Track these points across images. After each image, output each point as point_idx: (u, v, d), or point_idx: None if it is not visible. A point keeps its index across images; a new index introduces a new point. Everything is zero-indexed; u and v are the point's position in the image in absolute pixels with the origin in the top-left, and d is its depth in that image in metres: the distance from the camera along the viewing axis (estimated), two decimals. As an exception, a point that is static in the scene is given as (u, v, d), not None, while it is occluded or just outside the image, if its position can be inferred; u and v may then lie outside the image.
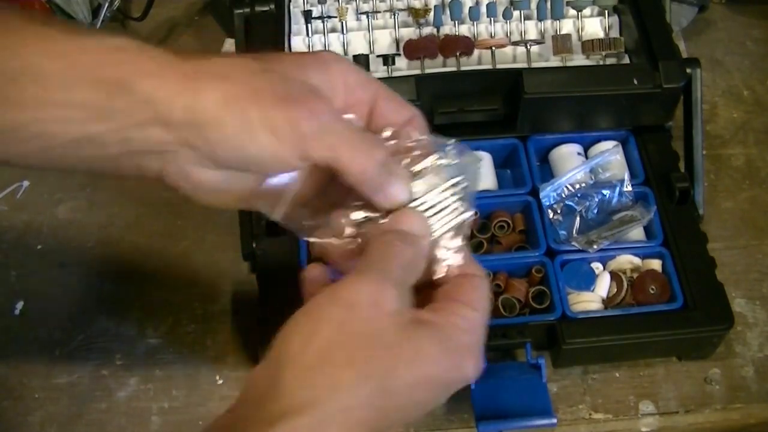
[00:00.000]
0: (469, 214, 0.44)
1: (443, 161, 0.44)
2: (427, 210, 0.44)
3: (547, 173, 0.75)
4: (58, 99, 0.40)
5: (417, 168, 0.44)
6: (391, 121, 0.45)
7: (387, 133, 0.45)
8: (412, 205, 0.43)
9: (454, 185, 0.44)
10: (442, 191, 0.44)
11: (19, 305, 0.72)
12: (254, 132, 0.40)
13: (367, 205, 0.44)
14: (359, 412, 0.37)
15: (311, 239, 0.45)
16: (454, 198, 0.44)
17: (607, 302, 0.67)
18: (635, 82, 0.70)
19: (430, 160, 0.44)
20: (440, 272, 0.44)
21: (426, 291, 0.44)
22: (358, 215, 0.44)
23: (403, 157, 0.44)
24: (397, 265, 0.41)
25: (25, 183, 0.79)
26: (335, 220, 0.44)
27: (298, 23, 0.76)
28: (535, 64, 0.74)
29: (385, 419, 0.38)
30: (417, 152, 0.44)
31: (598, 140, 0.74)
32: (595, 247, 0.67)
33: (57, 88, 0.40)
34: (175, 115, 0.40)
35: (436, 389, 0.40)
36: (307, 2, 0.76)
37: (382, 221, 0.43)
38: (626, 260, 0.69)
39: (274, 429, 0.36)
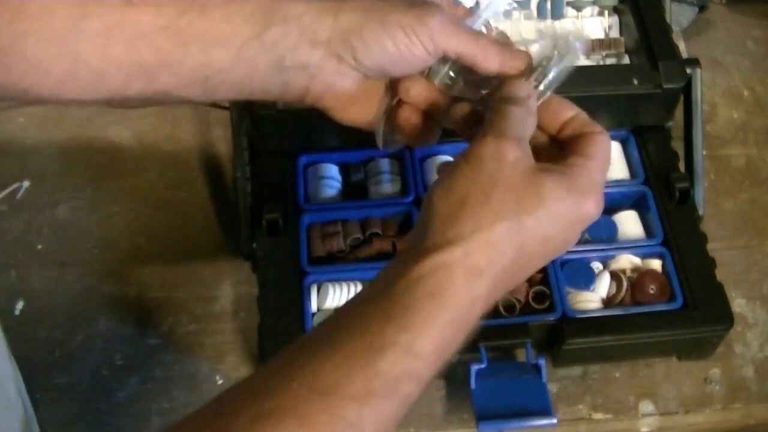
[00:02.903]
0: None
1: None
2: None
3: (547, 173, 0.74)
4: (220, 29, 0.47)
5: None
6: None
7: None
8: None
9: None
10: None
11: (19, 305, 0.72)
12: (391, 32, 0.47)
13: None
14: (500, 245, 0.43)
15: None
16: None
17: (607, 302, 0.67)
18: (635, 82, 0.70)
19: None
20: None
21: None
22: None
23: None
24: (511, 123, 0.46)
25: (25, 183, 0.79)
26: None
27: (298, 23, 0.76)
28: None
29: (523, 255, 0.44)
30: None
31: (598, 140, 0.74)
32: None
33: (219, 20, 0.46)
34: (321, 33, 0.47)
35: (562, 225, 0.45)
36: (307, 2, 0.76)
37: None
38: (626, 260, 0.69)
39: (432, 258, 0.42)
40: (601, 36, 0.76)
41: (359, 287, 0.66)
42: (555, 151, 0.49)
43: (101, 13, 0.45)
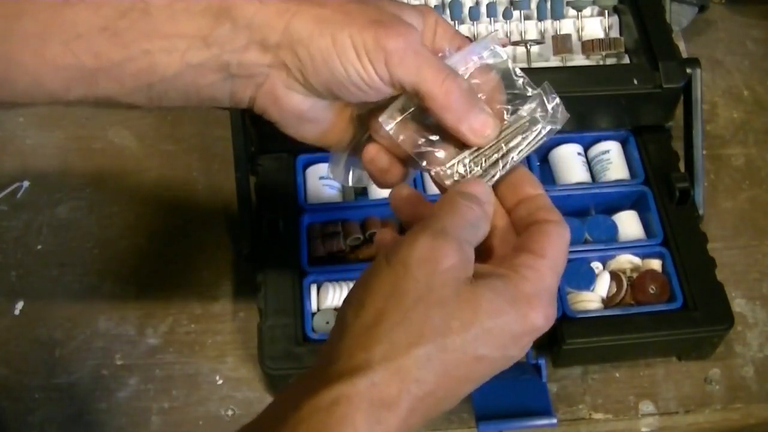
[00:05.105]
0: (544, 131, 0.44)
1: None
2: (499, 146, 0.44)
3: (548, 173, 0.75)
4: (164, 31, 0.42)
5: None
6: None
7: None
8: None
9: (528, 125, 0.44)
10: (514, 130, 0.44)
11: (19, 305, 0.72)
12: (342, 50, 0.41)
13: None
14: (416, 372, 0.37)
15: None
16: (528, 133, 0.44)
17: (607, 302, 0.67)
18: (635, 82, 0.70)
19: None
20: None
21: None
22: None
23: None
24: (460, 222, 0.40)
25: (25, 183, 0.79)
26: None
27: (298, 23, 0.76)
28: (535, 64, 0.74)
29: (450, 378, 0.38)
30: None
31: (598, 140, 0.74)
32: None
33: (164, 20, 0.42)
34: (271, 37, 0.42)
35: (501, 342, 0.39)
36: (307, 2, 0.76)
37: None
38: (626, 260, 0.69)
39: (331, 389, 0.36)
40: (601, 36, 0.76)
41: (359, 287, 0.66)
42: (504, 230, 0.43)
43: (35, 12, 0.41)
